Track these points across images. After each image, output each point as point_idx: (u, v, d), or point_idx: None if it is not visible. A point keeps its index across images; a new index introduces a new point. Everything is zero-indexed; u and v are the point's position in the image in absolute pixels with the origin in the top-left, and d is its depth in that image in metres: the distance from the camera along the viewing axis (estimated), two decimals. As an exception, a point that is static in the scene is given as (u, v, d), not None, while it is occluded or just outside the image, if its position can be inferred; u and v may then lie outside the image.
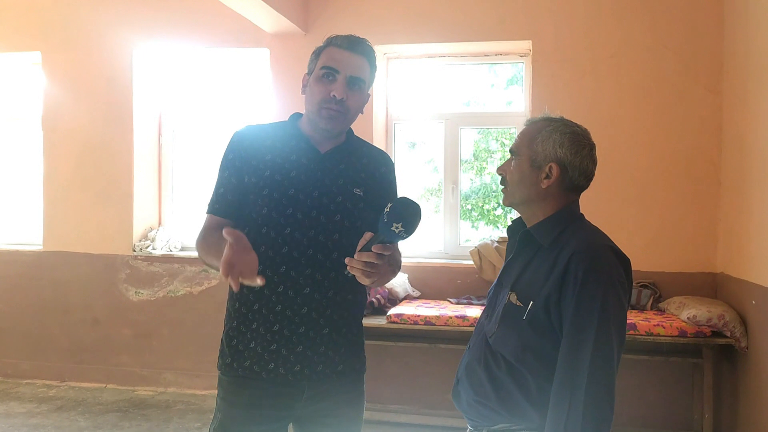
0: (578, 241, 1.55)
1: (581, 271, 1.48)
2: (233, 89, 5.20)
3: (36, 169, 5.27)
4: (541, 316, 1.53)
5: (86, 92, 5.05)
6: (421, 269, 4.58)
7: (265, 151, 1.84)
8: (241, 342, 1.83)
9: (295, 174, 1.81)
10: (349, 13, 4.60)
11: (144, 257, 4.98)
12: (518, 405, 1.57)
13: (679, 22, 4.22)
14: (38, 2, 5.10)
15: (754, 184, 3.56)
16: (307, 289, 1.79)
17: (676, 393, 4.15)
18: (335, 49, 1.82)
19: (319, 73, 1.80)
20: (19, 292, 5.18)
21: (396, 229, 1.51)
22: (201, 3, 4.63)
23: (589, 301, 1.47)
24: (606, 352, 1.45)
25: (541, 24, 4.40)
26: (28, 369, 5.16)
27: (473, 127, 4.95)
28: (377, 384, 4.48)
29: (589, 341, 1.45)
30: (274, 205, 1.79)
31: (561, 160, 1.62)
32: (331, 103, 1.78)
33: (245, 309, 1.82)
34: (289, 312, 1.79)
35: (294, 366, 1.79)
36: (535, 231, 1.65)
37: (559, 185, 1.64)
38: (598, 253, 1.53)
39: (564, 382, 1.46)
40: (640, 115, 4.27)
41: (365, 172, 1.91)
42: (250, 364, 1.81)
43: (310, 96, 1.82)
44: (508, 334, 1.59)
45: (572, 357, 1.46)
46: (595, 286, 1.47)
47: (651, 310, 4.10)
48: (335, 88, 1.78)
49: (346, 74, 1.79)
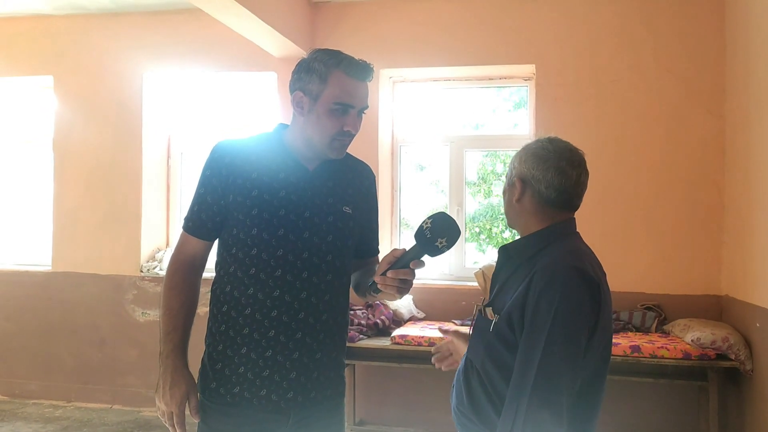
0: (546, 259, 1.56)
1: (538, 289, 1.50)
2: (241, 112, 5.27)
3: (46, 190, 5.34)
4: (504, 330, 1.56)
5: (97, 115, 5.13)
6: (426, 291, 4.60)
7: (251, 169, 1.75)
8: (227, 367, 1.75)
9: (285, 194, 1.75)
10: (356, 38, 4.67)
11: (151, 278, 5.02)
12: (486, 413, 1.59)
13: (682, 46, 4.27)
14: (51, 27, 5.21)
15: (757, 207, 3.57)
16: (302, 313, 1.74)
17: (681, 416, 4.12)
18: (347, 78, 1.70)
19: (331, 107, 1.70)
20: (27, 313, 5.22)
21: (440, 245, 1.58)
22: (210, 29, 4.72)
23: (541, 319, 1.47)
24: (551, 374, 1.45)
25: (544, 48, 4.46)
26: (35, 389, 5.19)
27: (478, 149, 5.00)
28: (381, 405, 4.48)
29: (534, 362, 1.46)
30: (264, 226, 1.72)
31: (522, 175, 1.65)
32: (344, 136, 1.74)
33: (233, 333, 1.75)
34: (283, 338, 1.73)
35: (287, 393, 1.74)
36: (512, 247, 1.70)
37: (530, 201, 1.65)
38: (557, 272, 1.52)
39: (512, 397, 1.48)
40: (643, 138, 4.30)
41: (352, 188, 1.88)
42: (240, 391, 1.74)
43: (319, 128, 1.72)
44: (477, 344, 1.64)
45: (519, 373, 1.48)
46: (548, 305, 1.48)
47: (655, 333, 4.09)
48: (350, 123, 1.73)
49: (360, 108, 1.75)
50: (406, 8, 4.68)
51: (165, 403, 1.73)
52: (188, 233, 1.82)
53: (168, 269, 1.83)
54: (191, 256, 1.83)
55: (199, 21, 4.75)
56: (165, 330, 1.78)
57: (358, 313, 4.27)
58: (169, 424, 1.75)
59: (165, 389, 1.73)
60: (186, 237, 1.83)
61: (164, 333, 1.78)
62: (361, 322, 4.18)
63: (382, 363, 4.17)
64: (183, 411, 1.74)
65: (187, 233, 1.83)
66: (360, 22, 4.74)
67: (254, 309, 1.72)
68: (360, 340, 4.05)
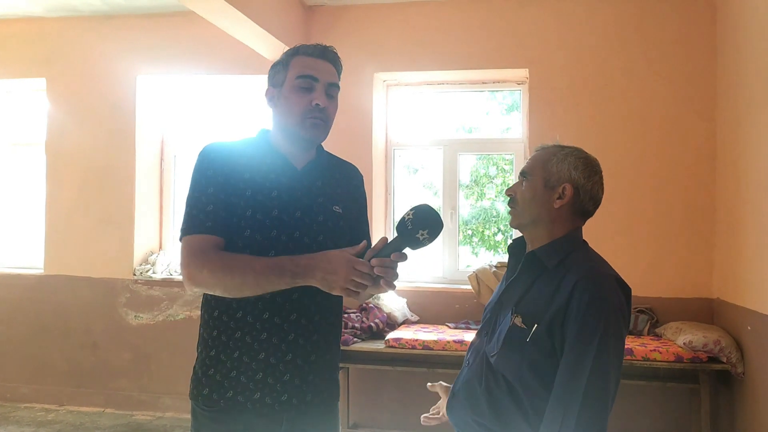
0: (584, 269, 1.59)
1: (585, 299, 1.53)
2: (234, 115, 5.27)
3: (39, 193, 5.32)
4: (544, 338, 1.57)
5: (90, 118, 5.12)
6: (419, 294, 4.61)
7: (242, 170, 1.73)
8: (219, 372, 1.71)
9: (277, 194, 1.73)
10: (350, 41, 4.68)
11: (144, 281, 5.01)
12: (515, 423, 1.60)
13: (673, 51, 4.30)
14: (44, 30, 5.20)
15: (748, 211, 3.60)
16: (293, 314, 1.71)
17: (673, 419, 4.15)
18: (306, 58, 1.76)
19: (295, 83, 1.74)
20: (20, 316, 5.20)
21: (421, 236, 1.53)
22: (203, 31, 4.72)
23: (591, 329, 1.50)
24: (602, 381, 1.49)
25: (537, 53, 4.48)
26: (27, 393, 5.16)
27: (472, 153, 5.01)
28: (375, 408, 4.48)
29: (587, 368, 1.48)
30: (257, 227, 1.68)
31: (575, 182, 1.66)
32: (315, 112, 1.72)
33: (225, 337, 1.71)
34: (275, 339, 1.69)
35: (281, 395, 1.71)
36: (541, 253, 1.67)
37: (569, 208, 1.68)
38: (602, 282, 1.57)
39: (558, 403, 1.50)
40: (634, 142, 4.33)
41: (341, 188, 1.86)
42: (233, 395, 1.70)
43: (288, 108, 1.74)
44: (509, 354, 1.62)
45: (569, 381, 1.50)
46: (596, 315, 1.51)
47: (648, 336, 4.11)
48: (316, 96, 1.72)
49: (324, 82, 1.75)
50: (400, 12, 4.70)
51: (342, 272, 1.56)
52: (207, 234, 1.67)
53: (194, 269, 1.66)
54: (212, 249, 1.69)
55: (192, 24, 4.75)
56: (266, 269, 1.60)
57: (352, 316, 4.27)
58: (362, 277, 1.57)
59: (328, 269, 1.58)
60: (203, 240, 1.67)
61: (269, 270, 1.59)
62: (355, 326, 4.18)
63: (376, 366, 4.18)
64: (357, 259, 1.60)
65: (205, 235, 1.67)
66: (354, 25, 4.75)
67: (245, 312, 1.70)
68: (354, 344, 4.06)
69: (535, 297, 1.64)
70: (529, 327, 1.59)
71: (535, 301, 1.62)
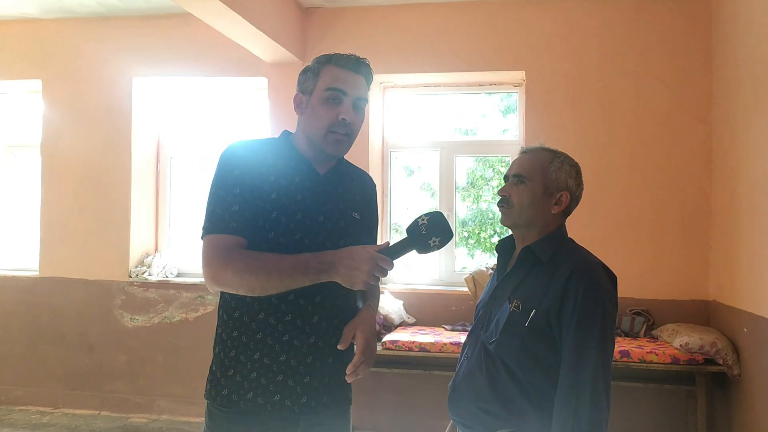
0: (575, 260, 1.73)
1: (582, 287, 1.66)
2: (231, 117, 5.26)
3: (34, 195, 5.30)
4: (541, 324, 1.68)
5: (86, 120, 5.10)
6: (416, 296, 4.61)
7: (268, 172, 1.72)
8: (239, 373, 1.71)
9: (301, 198, 1.73)
10: (346, 43, 4.67)
11: (140, 283, 4.99)
12: (517, 404, 1.70)
13: (670, 53, 4.31)
14: (40, 31, 5.18)
15: (744, 213, 3.61)
16: (315, 317, 1.72)
17: (669, 420, 4.15)
18: (337, 69, 1.75)
19: (323, 95, 1.73)
20: (15, 318, 5.18)
21: (432, 243, 1.60)
22: (201, 33, 4.71)
23: (592, 314, 1.64)
24: (605, 359, 1.63)
25: (534, 55, 4.49)
26: (22, 395, 5.14)
27: (468, 155, 5.02)
28: (372, 411, 4.47)
29: (592, 350, 1.62)
30: (282, 230, 1.69)
31: (572, 190, 1.82)
32: (339, 127, 1.72)
33: (246, 338, 1.71)
34: (297, 342, 1.71)
35: (300, 398, 1.72)
36: (536, 247, 1.79)
37: (561, 211, 1.83)
38: (594, 270, 1.71)
39: (570, 387, 1.62)
40: (631, 144, 4.34)
41: (358, 195, 1.89)
42: (253, 396, 1.70)
43: (315, 119, 1.74)
44: (509, 340, 1.72)
45: (576, 364, 1.62)
46: (595, 300, 1.65)
47: (644, 338, 4.12)
48: (344, 111, 1.72)
49: (353, 96, 1.74)
50: (397, 14, 4.70)
51: (365, 268, 1.59)
52: (232, 235, 1.65)
53: (218, 268, 1.64)
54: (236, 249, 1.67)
55: (189, 25, 4.75)
56: (291, 268, 1.61)
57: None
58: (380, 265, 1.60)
59: (351, 265, 1.60)
60: (228, 240, 1.65)
61: (294, 269, 1.61)
62: (351, 328, 4.17)
63: (373, 368, 4.13)
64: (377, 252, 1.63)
65: (230, 236, 1.65)
66: (351, 27, 4.75)
67: (268, 314, 1.71)
68: (350, 346, 4.04)
69: (530, 287, 1.75)
70: (526, 313, 1.70)
71: (531, 290, 1.74)
